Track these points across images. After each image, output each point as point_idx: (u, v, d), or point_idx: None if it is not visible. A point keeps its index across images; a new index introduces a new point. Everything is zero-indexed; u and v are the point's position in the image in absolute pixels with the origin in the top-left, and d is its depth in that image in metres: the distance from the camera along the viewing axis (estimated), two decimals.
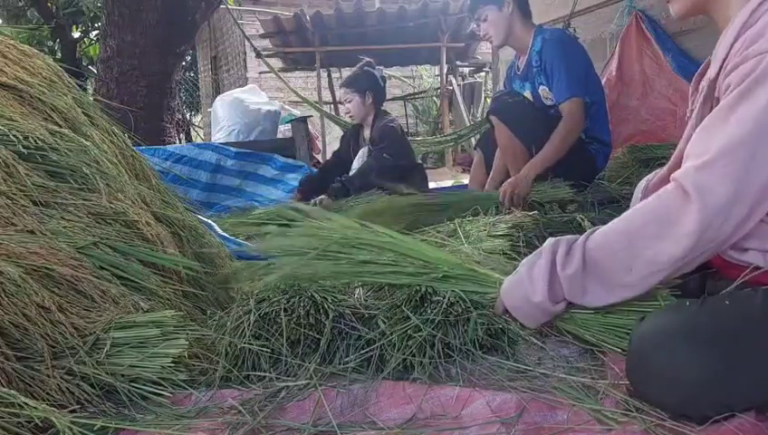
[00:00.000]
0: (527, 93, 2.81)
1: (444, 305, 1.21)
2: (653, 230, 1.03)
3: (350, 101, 3.48)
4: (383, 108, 3.62)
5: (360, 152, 3.58)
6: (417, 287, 1.27)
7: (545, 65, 2.66)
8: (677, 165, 1.16)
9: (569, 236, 1.14)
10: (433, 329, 1.19)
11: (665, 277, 1.06)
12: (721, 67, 1.07)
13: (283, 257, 1.34)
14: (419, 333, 1.18)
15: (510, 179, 2.55)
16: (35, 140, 1.39)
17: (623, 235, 1.07)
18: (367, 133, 3.58)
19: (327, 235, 1.33)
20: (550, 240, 1.15)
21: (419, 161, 3.79)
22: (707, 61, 1.22)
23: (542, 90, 2.72)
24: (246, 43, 7.75)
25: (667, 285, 1.15)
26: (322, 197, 3.25)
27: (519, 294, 1.17)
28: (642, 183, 1.43)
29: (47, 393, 1.02)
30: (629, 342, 1.03)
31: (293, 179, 3.97)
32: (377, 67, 3.61)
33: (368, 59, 3.64)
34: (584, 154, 2.71)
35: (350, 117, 3.69)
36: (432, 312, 1.21)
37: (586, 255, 1.09)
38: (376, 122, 3.48)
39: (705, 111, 1.12)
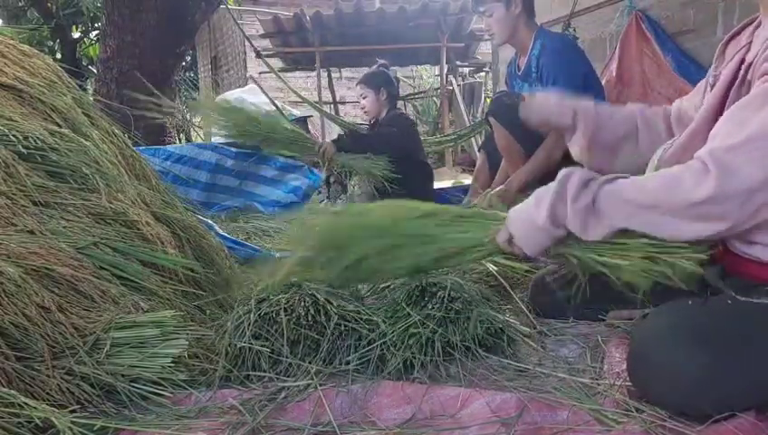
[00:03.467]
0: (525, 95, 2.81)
1: (444, 300, 1.21)
2: (663, 195, 1.02)
3: (365, 97, 3.57)
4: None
5: None
6: (418, 283, 1.27)
7: (542, 74, 2.65)
8: (697, 136, 1.15)
9: (584, 170, 1.12)
10: (433, 326, 1.19)
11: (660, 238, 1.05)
12: (758, 53, 1.05)
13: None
14: (420, 330, 1.18)
15: (494, 190, 2.57)
16: (35, 140, 1.39)
17: (635, 190, 1.06)
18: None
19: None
20: (564, 170, 1.13)
21: (425, 161, 3.81)
22: (740, 27, 1.20)
23: None
24: (246, 43, 7.75)
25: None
26: (325, 142, 3.35)
27: (523, 217, 1.16)
28: (659, 152, 1.42)
29: (47, 393, 1.02)
30: (631, 339, 1.03)
31: (293, 179, 3.97)
32: (391, 68, 3.70)
33: (383, 61, 3.73)
34: None
35: (365, 112, 3.73)
36: (433, 308, 1.21)
37: (598, 196, 1.08)
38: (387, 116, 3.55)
39: (741, 91, 1.10)
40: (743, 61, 1.11)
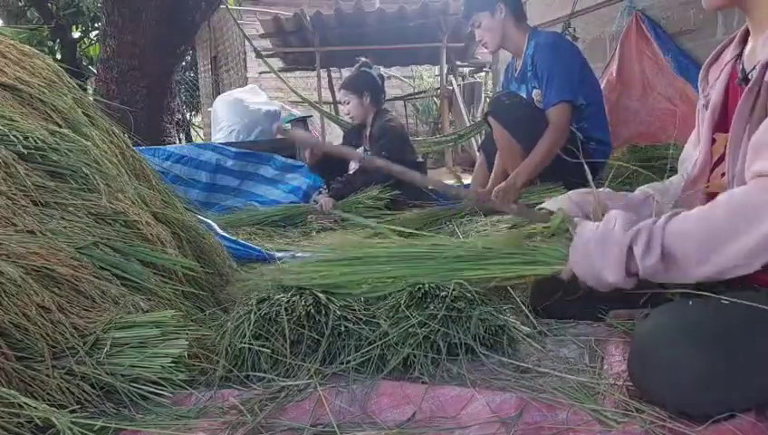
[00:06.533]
0: (523, 96, 2.82)
1: (447, 301, 1.21)
2: (735, 224, 0.97)
3: (348, 103, 3.53)
4: (384, 107, 3.64)
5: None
6: (420, 285, 1.27)
7: (537, 70, 2.67)
8: (706, 166, 1.15)
9: (644, 224, 1.07)
10: (435, 325, 1.19)
11: (741, 272, 0.99)
12: None
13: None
14: (421, 330, 1.18)
15: (499, 186, 2.60)
16: (35, 140, 1.39)
17: (704, 227, 1.01)
18: (368, 132, 3.60)
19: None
20: (620, 218, 1.09)
21: (421, 159, 3.80)
22: (717, 50, 1.22)
23: (536, 93, 2.74)
24: (246, 43, 7.75)
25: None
26: (322, 196, 3.27)
27: (590, 271, 1.11)
28: (643, 189, 1.43)
29: (47, 393, 1.02)
30: (632, 339, 1.03)
31: (293, 179, 3.97)
32: (374, 66, 3.64)
33: (364, 59, 3.67)
34: (583, 154, 2.71)
35: (351, 118, 3.72)
36: (435, 308, 1.21)
37: (665, 246, 1.03)
38: (376, 121, 3.51)
39: (750, 97, 1.07)
40: (733, 70, 1.13)
